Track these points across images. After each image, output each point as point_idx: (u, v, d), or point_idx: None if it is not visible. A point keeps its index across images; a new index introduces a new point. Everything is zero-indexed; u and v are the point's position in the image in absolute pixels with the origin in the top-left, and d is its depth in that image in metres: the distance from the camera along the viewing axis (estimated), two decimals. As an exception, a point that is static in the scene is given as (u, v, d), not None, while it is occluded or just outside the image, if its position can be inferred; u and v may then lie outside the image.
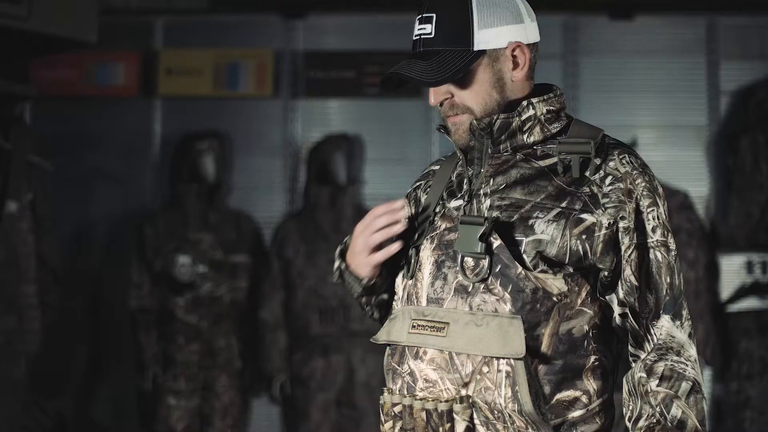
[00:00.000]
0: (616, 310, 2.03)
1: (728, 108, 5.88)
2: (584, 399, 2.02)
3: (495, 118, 2.09)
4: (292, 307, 5.49)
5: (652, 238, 2.02)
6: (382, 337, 2.16)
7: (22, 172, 4.66)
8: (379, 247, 2.17)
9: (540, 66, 6.43)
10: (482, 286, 2.02)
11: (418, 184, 2.33)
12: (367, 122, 5.86)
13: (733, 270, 5.73)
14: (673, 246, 2.05)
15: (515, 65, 2.13)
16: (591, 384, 2.03)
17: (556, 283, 2.00)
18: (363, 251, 2.18)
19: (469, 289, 2.04)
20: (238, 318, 5.56)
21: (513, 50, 2.13)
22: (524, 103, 2.11)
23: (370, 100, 5.91)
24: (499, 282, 2.00)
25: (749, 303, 5.68)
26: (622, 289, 2.01)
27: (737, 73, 5.89)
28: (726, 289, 5.73)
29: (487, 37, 2.09)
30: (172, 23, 6.12)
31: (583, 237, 2.00)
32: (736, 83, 5.88)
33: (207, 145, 5.72)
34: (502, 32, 2.10)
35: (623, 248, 2.01)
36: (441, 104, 2.14)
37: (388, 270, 2.23)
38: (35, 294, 4.74)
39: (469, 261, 2.04)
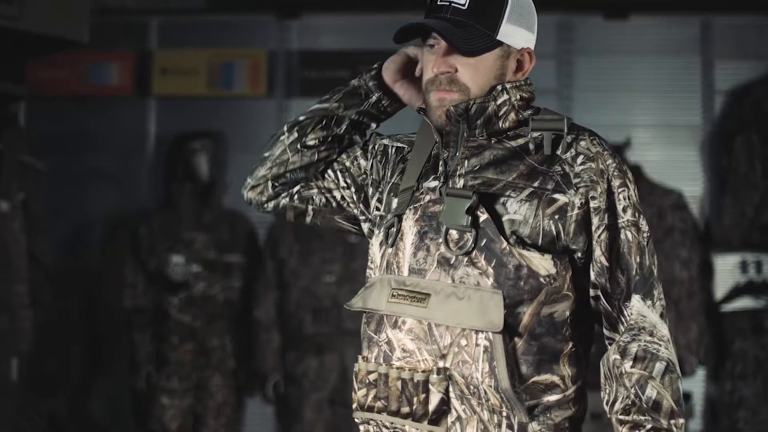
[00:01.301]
0: (590, 293, 2.03)
1: (723, 108, 5.87)
2: (561, 384, 2.03)
3: (471, 102, 2.09)
4: (285, 307, 5.49)
5: (622, 218, 2.02)
6: (357, 304, 2.16)
7: (14, 172, 4.67)
8: None
9: (534, 66, 6.43)
10: (466, 259, 2.02)
11: (399, 146, 2.30)
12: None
13: (727, 270, 5.72)
14: (644, 227, 2.04)
15: (518, 68, 2.16)
16: (567, 370, 2.03)
17: (543, 264, 2.00)
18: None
19: (452, 262, 2.04)
20: (231, 317, 5.56)
21: (522, 54, 2.16)
22: (498, 87, 2.12)
23: (365, 99, 5.90)
24: (483, 256, 2.01)
25: (743, 302, 5.67)
26: (593, 270, 2.02)
27: (732, 72, 5.88)
28: (720, 289, 5.72)
29: (510, 31, 2.11)
30: (166, 23, 6.13)
31: (556, 217, 2.00)
32: (731, 83, 5.87)
33: (201, 145, 5.72)
34: (521, 34, 2.14)
35: (593, 228, 2.01)
36: (441, 74, 2.12)
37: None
38: (27, 293, 4.75)
39: (454, 234, 2.04)
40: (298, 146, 2.24)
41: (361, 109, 2.25)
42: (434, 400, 2.01)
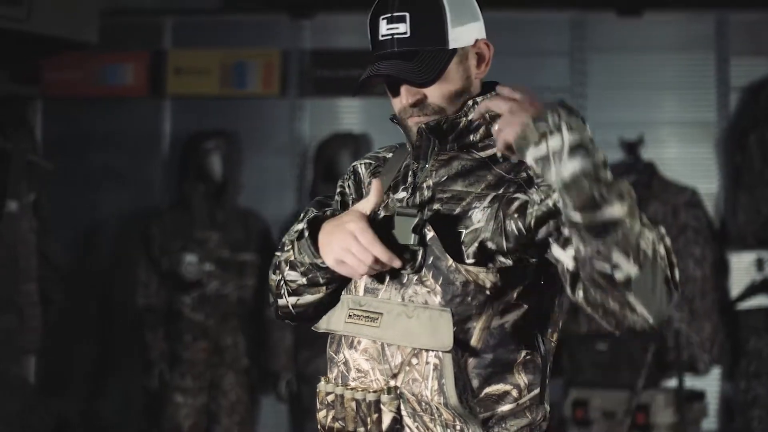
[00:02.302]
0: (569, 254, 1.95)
1: (738, 104, 5.82)
2: (514, 393, 2.01)
3: (443, 120, 2.09)
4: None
5: None
6: (322, 325, 2.17)
7: (23, 172, 4.71)
8: None
9: (548, 63, 6.38)
10: (415, 277, 2.02)
11: (367, 162, 2.31)
12: (375, 121, 5.86)
13: (742, 267, 5.68)
14: None
15: (479, 62, 2.14)
16: (522, 378, 2.02)
17: (489, 277, 1.98)
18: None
19: (404, 281, 2.04)
20: (244, 316, 5.59)
21: (479, 47, 2.13)
22: (470, 102, 2.11)
23: (378, 98, 5.89)
24: (431, 274, 2.00)
25: (759, 301, 5.62)
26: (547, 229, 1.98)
27: (747, 68, 5.83)
28: (736, 287, 5.68)
29: (457, 34, 2.09)
30: (180, 23, 6.16)
31: (516, 216, 1.99)
32: (746, 79, 5.82)
33: (214, 145, 5.75)
34: (468, 29, 2.11)
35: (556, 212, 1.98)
36: (413, 105, 2.11)
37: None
38: (36, 292, 4.79)
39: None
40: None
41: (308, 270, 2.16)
42: (386, 419, 2.02)
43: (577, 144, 1.83)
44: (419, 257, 2.01)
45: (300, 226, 2.16)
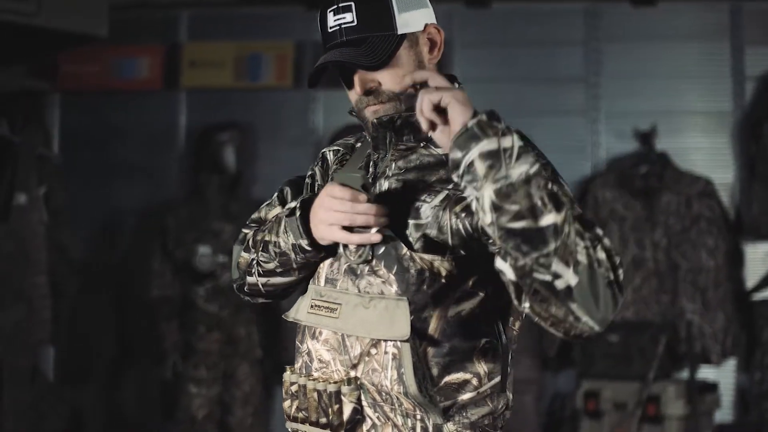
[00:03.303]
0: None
1: (753, 94, 5.78)
2: (474, 381, 2.01)
3: (396, 116, 2.10)
4: (311, 296, 5.52)
5: None
6: (291, 314, 2.18)
7: (32, 165, 4.76)
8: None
9: (562, 53, 6.33)
10: (367, 268, 2.03)
11: (335, 149, 2.31)
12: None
13: (757, 258, 5.65)
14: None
15: (431, 47, 2.15)
16: (482, 366, 2.02)
17: (444, 265, 1.99)
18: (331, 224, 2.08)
19: (357, 271, 2.05)
20: (258, 307, 5.62)
21: (429, 32, 2.14)
22: None
23: (390, 89, 5.90)
24: (383, 264, 2.01)
25: (774, 292, 5.61)
26: None
27: (762, 58, 5.78)
28: (751, 278, 5.65)
29: (406, 19, 2.10)
30: (195, 16, 6.19)
31: (463, 215, 1.99)
32: (761, 68, 5.78)
33: (227, 137, 5.78)
34: (417, 15, 2.12)
35: None
36: (367, 94, 2.12)
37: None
38: (46, 284, 4.85)
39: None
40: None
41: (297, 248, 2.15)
42: (347, 410, 2.03)
43: (524, 147, 1.84)
44: (367, 247, 2.02)
45: (292, 204, 2.15)
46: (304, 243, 2.08)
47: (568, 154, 5.90)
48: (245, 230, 2.26)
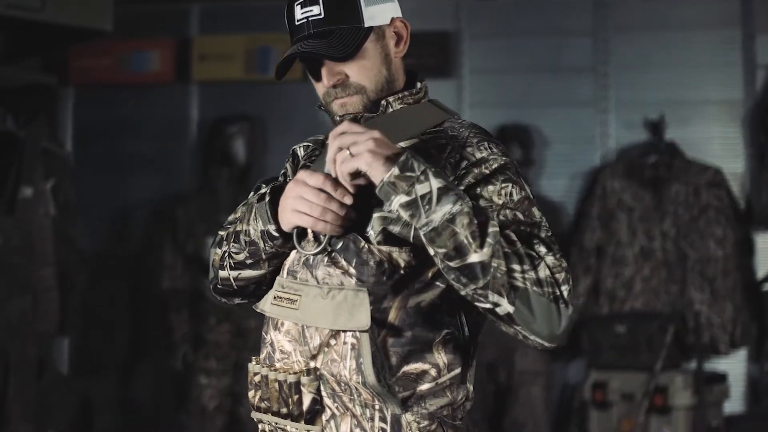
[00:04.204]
0: None
1: (765, 82, 5.74)
2: (433, 372, 2.02)
3: (360, 117, 2.11)
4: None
5: (497, 204, 2.00)
6: (259, 306, 2.20)
7: (37, 159, 4.81)
8: None
9: (571, 43, 6.32)
10: (326, 259, 2.04)
11: (306, 145, 2.33)
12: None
13: (768, 247, 5.63)
14: (521, 217, 2.00)
15: (398, 41, 2.16)
16: (441, 358, 2.03)
17: (403, 256, 2.00)
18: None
19: (311, 261, 2.06)
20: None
21: (395, 25, 2.15)
22: (383, 102, 2.13)
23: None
24: (342, 256, 2.02)
25: (784, 281, 5.58)
26: None
27: (774, 46, 5.75)
28: (761, 267, 5.63)
29: (372, 12, 2.12)
30: (206, 9, 6.22)
31: None
32: (773, 56, 5.75)
33: (237, 129, 5.82)
34: (384, 8, 2.14)
35: None
36: (334, 86, 2.13)
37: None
38: (53, 276, 4.91)
39: (309, 233, 2.06)
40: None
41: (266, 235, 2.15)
42: (306, 400, 2.04)
43: (445, 188, 1.88)
44: (323, 238, 2.03)
45: (263, 190, 2.16)
46: (271, 228, 2.09)
47: (577, 144, 5.89)
48: (221, 232, 2.27)
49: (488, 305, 1.88)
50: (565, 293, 1.89)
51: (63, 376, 5.71)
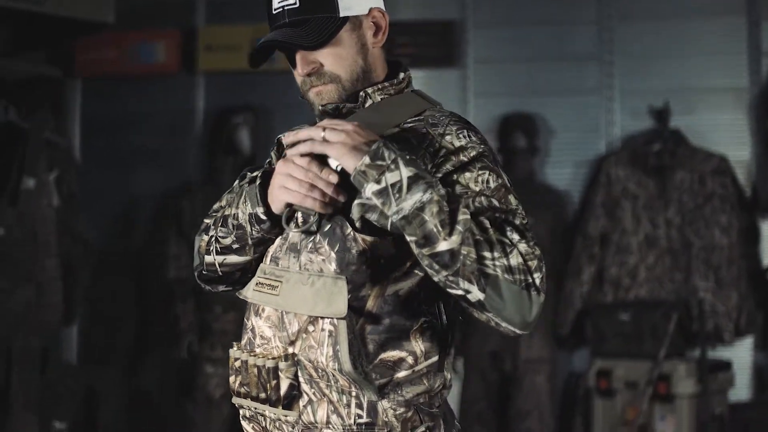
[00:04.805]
0: None
1: (771, 69, 5.73)
2: (410, 360, 2.04)
3: (342, 107, 2.13)
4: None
5: (473, 191, 2.01)
6: (243, 292, 2.22)
7: (40, 150, 4.84)
8: None
9: (575, 32, 6.30)
10: (310, 245, 2.05)
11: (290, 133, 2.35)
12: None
13: (774, 235, 5.62)
14: (502, 205, 2.01)
15: (376, 31, 2.17)
16: (418, 345, 2.04)
17: (384, 246, 2.02)
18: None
19: (298, 247, 2.08)
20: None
21: (373, 15, 2.16)
22: (362, 94, 2.15)
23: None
24: (327, 242, 2.04)
25: (790, 268, 5.57)
26: None
27: (779, 33, 5.73)
28: (767, 255, 5.62)
29: (350, 3, 2.13)
30: (212, 0, 6.24)
31: None
32: (778, 43, 5.72)
33: (241, 119, 5.84)
34: None
35: None
36: (309, 75, 2.15)
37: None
38: (57, 267, 4.94)
39: (299, 216, 2.08)
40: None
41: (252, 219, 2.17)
42: (284, 385, 2.06)
43: (415, 177, 1.89)
44: (314, 221, 2.05)
45: (254, 174, 2.19)
46: (260, 211, 2.10)
47: (582, 133, 5.89)
48: (207, 220, 2.29)
49: (460, 292, 1.89)
50: (537, 280, 1.91)
51: (68, 366, 5.75)
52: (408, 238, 1.92)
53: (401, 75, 2.21)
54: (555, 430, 5.65)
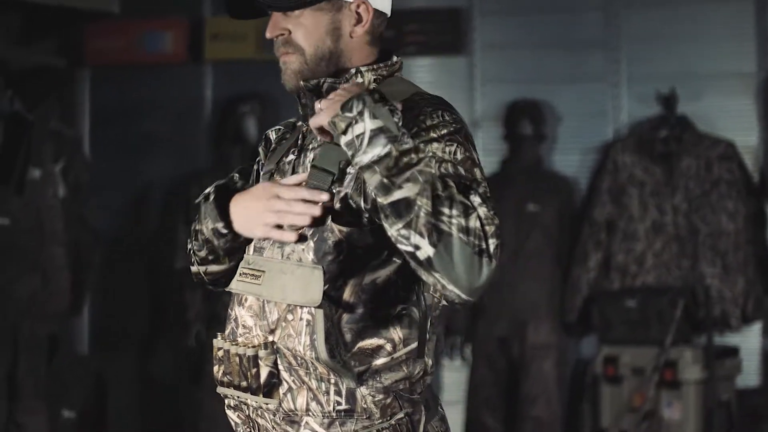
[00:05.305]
0: None
1: (778, 54, 5.71)
2: (388, 347, 2.05)
3: (323, 81, 2.13)
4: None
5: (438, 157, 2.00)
6: (230, 285, 2.23)
7: (45, 140, 4.88)
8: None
9: (582, 18, 6.29)
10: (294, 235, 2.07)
11: (277, 128, 2.35)
12: (409, 80, 5.86)
13: (782, 221, 5.60)
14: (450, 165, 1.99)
15: (357, 21, 2.16)
16: (396, 333, 2.05)
17: (361, 236, 2.03)
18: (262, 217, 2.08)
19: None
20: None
21: (358, 6, 2.15)
22: (353, 71, 2.14)
23: (410, 58, 5.92)
24: (309, 232, 2.05)
25: (799, 254, 5.54)
26: None
27: (787, 17, 5.70)
28: (775, 241, 5.61)
29: None
30: (220, -11, 6.26)
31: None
32: (786, 28, 5.69)
33: (248, 108, 5.86)
34: None
35: None
36: (278, 41, 2.16)
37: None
38: (63, 255, 4.98)
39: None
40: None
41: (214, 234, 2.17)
42: (263, 373, 2.08)
43: (378, 130, 1.88)
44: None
45: (207, 190, 2.20)
46: (220, 226, 2.11)
47: (589, 119, 5.89)
48: (195, 225, 2.29)
49: (410, 248, 1.86)
50: (492, 247, 1.87)
51: (77, 355, 5.79)
52: (367, 187, 1.92)
53: (395, 58, 2.21)
54: (562, 416, 5.65)
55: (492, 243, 1.87)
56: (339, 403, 2.04)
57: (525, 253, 5.59)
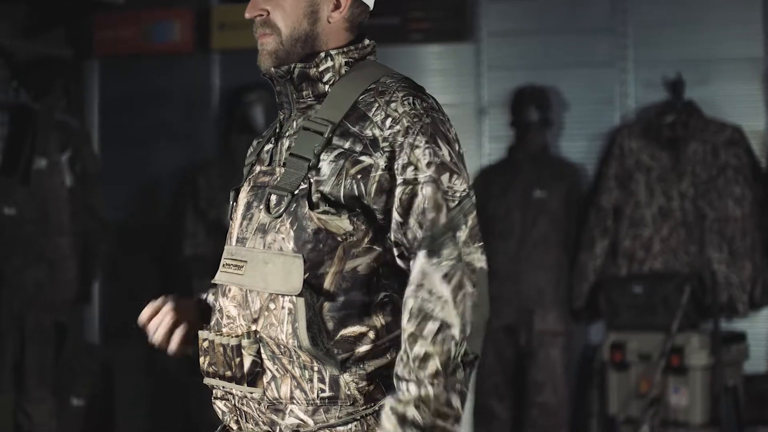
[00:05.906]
0: (395, 252, 2.06)
1: (786, 39, 5.68)
2: (371, 335, 2.06)
3: (293, 66, 2.14)
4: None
5: (423, 174, 2.02)
6: (216, 277, 2.25)
7: (50, 131, 4.90)
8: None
9: (588, 3, 6.26)
10: (277, 224, 2.08)
11: (259, 140, 2.37)
12: (413, 68, 5.86)
13: (790, 205, 5.57)
14: (446, 184, 2.03)
15: (336, 6, 2.16)
16: (379, 320, 2.06)
17: (340, 224, 2.03)
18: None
19: (266, 228, 2.10)
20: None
21: None
22: (322, 54, 2.14)
23: (415, 46, 5.93)
24: (289, 221, 2.06)
25: (807, 239, 5.52)
26: (392, 227, 2.04)
27: (794, 1, 5.67)
28: (783, 226, 5.59)
29: None
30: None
31: (359, 177, 2.03)
32: (794, 12, 5.67)
33: (256, 96, 5.87)
34: None
35: (395, 186, 2.03)
36: (255, 19, 2.17)
37: None
38: (70, 245, 5.01)
39: (273, 198, 2.10)
40: None
41: None
42: (247, 362, 2.09)
43: None
44: (285, 202, 2.07)
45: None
46: None
47: (596, 105, 5.88)
48: None
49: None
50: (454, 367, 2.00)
51: (85, 344, 5.82)
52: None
53: (366, 41, 2.21)
54: (570, 402, 5.66)
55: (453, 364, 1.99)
56: (323, 391, 2.05)
57: (531, 239, 5.59)
